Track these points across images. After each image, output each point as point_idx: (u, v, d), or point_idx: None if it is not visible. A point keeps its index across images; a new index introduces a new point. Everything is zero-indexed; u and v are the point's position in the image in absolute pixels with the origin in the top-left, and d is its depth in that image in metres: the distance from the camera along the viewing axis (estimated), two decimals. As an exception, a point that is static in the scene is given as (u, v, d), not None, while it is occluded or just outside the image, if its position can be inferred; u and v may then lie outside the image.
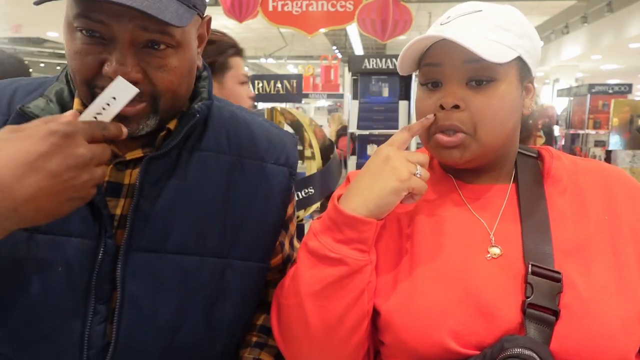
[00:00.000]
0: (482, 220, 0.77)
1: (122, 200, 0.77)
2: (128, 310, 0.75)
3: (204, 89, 0.84)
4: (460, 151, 0.76)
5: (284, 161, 0.89)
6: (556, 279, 0.69)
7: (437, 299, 0.71)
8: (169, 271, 0.77)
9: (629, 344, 0.67)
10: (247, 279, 0.84)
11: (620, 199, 0.77)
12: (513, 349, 0.64)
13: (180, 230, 0.78)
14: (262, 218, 0.85)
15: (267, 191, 0.86)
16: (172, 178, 0.79)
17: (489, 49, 0.71)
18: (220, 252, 0.81)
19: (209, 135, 0.83)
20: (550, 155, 0.83)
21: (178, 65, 0.73)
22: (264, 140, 0.89)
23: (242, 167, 0.84)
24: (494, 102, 0.74)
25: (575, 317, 0.67)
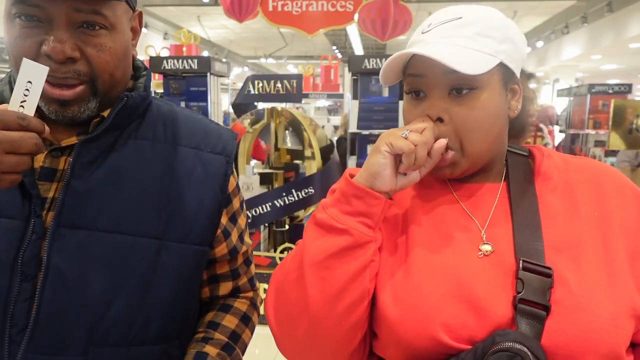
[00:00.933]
0: (474, 218, 0.79)
1: (55, 184, 0.80)
2: (52, 285, 0.77)
3: (141, 84, 0.89)
4: (450, 169, 0.79)
5: (220, 150, 0.93)
6: (547, 274, 0.70)
7: (430, 293, 0.72)
8: (100, 248, 0.80)
9: (619, 338, 0.68)
10: (184, 261, 0.86)
11: (610, 196, 0.78)
12: (504, 343, 0.65)
13: (112, 210, 0.81)
14: (197, 201, 0.88)
15: (203, 176, 0.90)
16: (106, 162, 0.82)
17: (466, 61, 0.72)
18: (155, 233, 0.83)
19: (145, 126, 0.88)
20: (541, 154, 0.84)
21: (113, 46, 0.78)
22: (200, 131, 0.94)
23: (177, 154, 0.89)
24: (477, 113, 0.75)
25: (566, 312, 0.68)
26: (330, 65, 10.18)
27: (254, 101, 4.20)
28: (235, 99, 4.35)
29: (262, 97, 4.01)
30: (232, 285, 1.00)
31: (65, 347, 0.78)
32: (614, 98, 5.53)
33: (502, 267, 0.73)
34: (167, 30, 12.76)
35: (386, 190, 0.74)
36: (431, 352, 0.71)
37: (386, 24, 4.85)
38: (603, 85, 6.72)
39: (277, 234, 4.14)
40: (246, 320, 0.99)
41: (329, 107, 11.42)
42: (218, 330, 0.94)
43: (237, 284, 1.00)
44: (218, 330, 0.94)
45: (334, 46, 16.03)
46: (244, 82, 4.04)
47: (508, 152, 0.85)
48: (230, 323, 0.96)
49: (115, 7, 0.79)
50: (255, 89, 3.95)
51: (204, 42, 13.55)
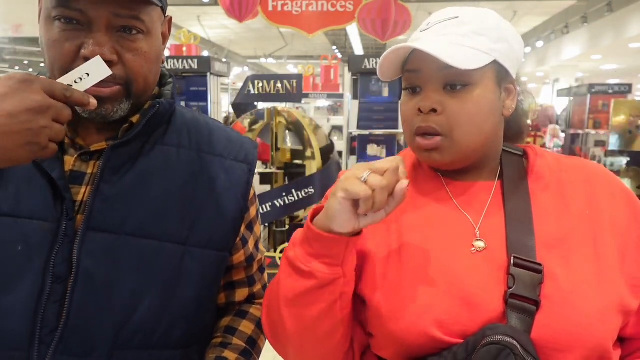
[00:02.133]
0: (467, 215, 0.80)
1: (84, 187, 0.82)
2: (82, 287, 0.78)
3: (168, 91, 0.92)
4: (439, 153, 0.79)
5: (243, 158, 0.95)
6: (537, 270, 0.72)
7: (423, 290, 0.74)
8: (127, 252, 0.81)
9: (606, 333, 0.70)
10: (206, 266, 0.88)
11: (601, 195, 0.80)
12: (494, 336, 0.67)
13: (138, 215, 0.82)
14: (220, 208, 0.90)
15: (225, 184, 0.91)
16: (134, 167, 0.84)
17: (460, 56, 0.74)
18: (179, 238, 0.85)
19: (171, 132, 0.90)
20: (535, 154, 0.86)
21: (148, 50, 0.80)
22: (224, 139, 0.95)
23: (201, 161, 0.90)
24: (469, 106, 0.77)
25: (555, 307, 0.70)
26: (330, 65, 10.18)
27: (254, 101, 4.21)
28: (235, 99, 4.35)
29: (262, 97, 4.01)
30: (248, 292, 1.00)
31: (91, 349, 0.78)
32: (614, 98, 5.53)
33: (494, 263, 0.74)
34: (167, 30, 12.75)
35: (347, 232, 0.71)
36: (424, 347, 0.72)
37: (386, 24, 4.86)
38: (603, 85, 6.73)
39: (277, 234, 4.15)
40: (261, 326, 0.96)
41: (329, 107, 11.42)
42: (235, 336, 0.94)
43: (253, 290, 1.01)
44: (235, 335, 0.94)
45: (334, 46, 16.03)
46: (244, 82, 4.04)
47: (503, 151, 0.87)
48: (247, 329, 0.96)
49: (152, 13, 0.80)
50: (255, 89, 3.95)
51: (204, 42, 13.55)
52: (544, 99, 14.37)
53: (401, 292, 0.75)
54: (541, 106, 9.62)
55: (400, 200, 0.70)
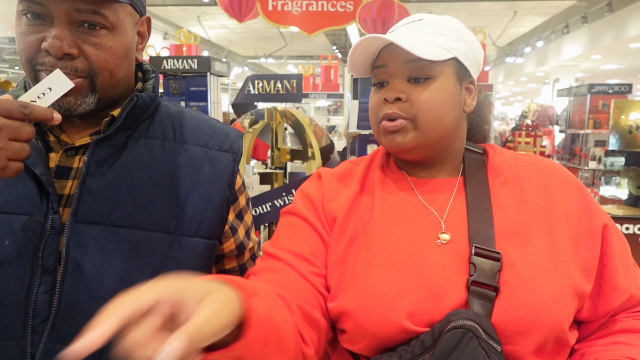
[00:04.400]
0: (432, 210, 0.85)
1: (70, 181, 0.84)
2: (71, 276, 0.80)
3: (150, 85, 0.93)
4: (402, 135, 0.83)
5: (228, 147, 0.98)
6: (496, 258, 0.77)
7: (392, 283, 0.78)
8: (114, 243, 0.83)
9: (561, 314, 0.75)
10: (195, 254, 0.90)
11: (555, 188, 0.86)
12: (458, 321, 0.71)
13: (125, 206, 0.84)
14: (207, 196, 0.92)
15: (211, 173, 0.93)
16: (119, 160, 0.86)
17: (421, 48, 0.80)
18: (167, 228, 0.87)
19: (155, 126, 0.92)
20: (494, 151, 0.92)
21: (113, 46, 0.81)
22: (208, 130, 0.97)
23: (186, 152, 0.92)
24: (432, 94, 0.82)
25: (513, 292, 0.75)
26: (330, 65, 10.19)
27: (254, 101, 4.21)
28: (235, 99, 4.35)
29: (262, 97, 4.01)
30: None
31: None
32: (614, 98, 5.53)
33: (458, 253, 0.79)
34: (167, 30, 12.76)
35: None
36: (395, 338, 0.76)
37: (386, 24, 4.86)
38: (603, 85, 6.72)
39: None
40: None
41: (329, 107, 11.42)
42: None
43: None
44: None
45: (334, 46, 16.03)
46: (244, 82, 4.04)
47: (465, 150, 0.93)
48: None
49: (118, 9, 0.81)
50: (255, 89, 3.95)
51: (204, 42, 13.55)
52: (544, 99, 14.37)
53: (371, 287, 0.78)
54: (541, 106, 9.62)
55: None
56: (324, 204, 0.89)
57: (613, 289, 0.81)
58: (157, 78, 0.95)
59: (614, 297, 0.81)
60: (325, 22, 5.07)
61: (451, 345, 0.69)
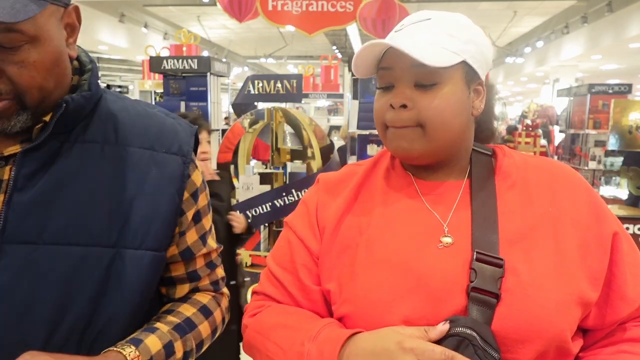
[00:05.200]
0: (435, 213, 0.83)
1: (1, 195, 0.76)
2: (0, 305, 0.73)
3: (85, 81, 0.83)
4: (408, 142, 0.82)
5: (176, 150, 0.88)
6: (498, 264, 0.75)
7: (390, 287, 0.77)
8: (47, 263, 0.75)
9: (564, 324, 0.73)
10: (140, 268, 0.82)
11: (564, 193, 0.83)
12: (455, 328, 0.70)
13: (58, 221, 0.77)
14: (153, 205, 0.84)
15: (158, 179, 0.85)
16: (51, 169, 0.78)
17: (430, 54, 0.77)
18: (108, 241, 0.79)
19: (94, 127, 0.83)
20: (503, 153, 0.89)
21: (38, 59, 0.72)
22: (155, 130, 0.88)
23: (130, 157, 0.84)
24: (439, 102, 0.80)
25: (515, 300, 0.73)
26: (330, 65, 10.19)
27: (254, 101, 4.21)
28: (235, 99, 4.35)
29: (262, 97, 4.01)
30: (189, 287, 0.95)
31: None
32: (614, 98, 5.52)
33: (460, 258, 0.77)
34: (167, 30, 12.76)
35: None
36: None
37: (386, 24, 4.86)
38: (603, 85, 6.73)
39: (277, 234, 4.15)
40: (206, 312, 0.94)
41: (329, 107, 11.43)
42: (171, 315, 0.89)
43: (196, 285, 0.96)
44: (171, 315, 0.89)
45: (334, 46, 16.03)
46: (244, 82, 4.04)
47: (473, 151, 0.90)
48: (186, 310, 0.91)
49: (35, 18, 0.70)
50: (255, 89, 3.96)
51: (204, 42, 13.55)
52: (544, 99, 14.37)
53: (369, 292, 0.78)
54: (541, 106, 9.61)
55: None
56: (317, 213, 0.90)
57: (621, 299, 0.79)
58: (94, 70, 0.85)
59: (621, 307, 0.79)
60: (325, 22, 5.07)
61: None
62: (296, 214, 0.94)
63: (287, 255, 0.90)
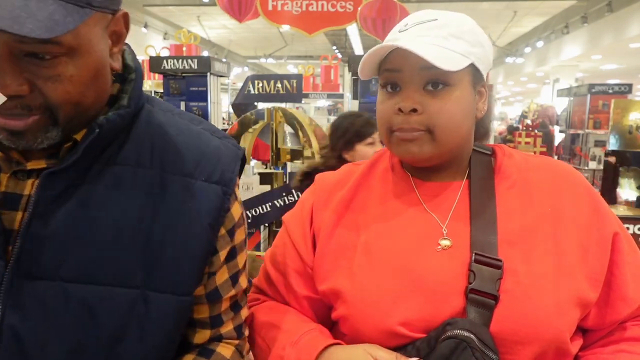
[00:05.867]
0: (434, 215, 0.83)
1: (20, 213, 0.67)
2: (7, 350, 0.65)
3: (125, 94, 0.74)
4: (417, 146, 0.80)
5: (217, 178, 0.77)
6: (497, 266, 0.74)
7: (389, 289, 0.77)
8: (63, 303, 0.67)
9: (562, 325, 0.73)
10: (164, 315, 0.72)
11: (564, 193, 0.83)
12: (452, 331, 0.70)
13: (80, 255, 0.68)
14: (185, 243, 0.74)
15: (193, 212, 0.75)
16: (76, 195, 0.69)
17: (443, 58, 0.75)
18: (133, 282, 0.70)
19: (129, 146, 0.73)
20: (502, 153, 0.88)
21: (75, 73, 0.63)
22: (197, 153, 0.78)
23: (164, 184, 0.74)
24: (449, 106, 0.78)
25: (514, 301, 0.73)
26: (330, 65, 10.19)
27: (254, 101, 4.21)
28: (235, 99, 4.35)
29: (262, 97, 4.01)
30: (211, 333, 0.83)
31: None
32: (614, 98, 5.52)
33: (458, 260, 0.77)
34: (167, 30, 12.76)
35: None
36: (391, 343, 0.76)
37: (386, 24, 4.86)
38: (603, 85, 6.72)
39: (277, 234, 4.13)
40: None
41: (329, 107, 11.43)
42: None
43: (219, 332, 0.84)
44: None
45: (334, 46, 16.03)
46: (244, 82, 4.04)
47: (473, 151, 0.89)
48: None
49: (79, 28, 0.61)
50: (255, 89, 3.96)
51: (204, 42, 13.55)
52: (544, 99, 14.36)
53: (368, 293, 0.78)
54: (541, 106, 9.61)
55: None
56: (313, 216, 0.90)
57: (621, 299, 0.79)
58: (138, 81, 0.75)
59: (621, 307, 0.79)
60: (325, 22, 5.07)
61: (444, 355, 0.69)
62: (293, 214, 0.94)
63: (280, 256, 0.91)
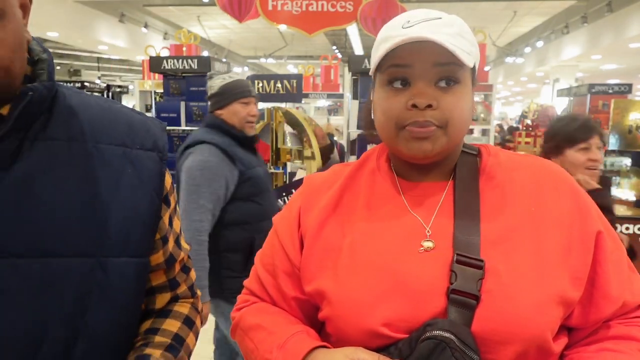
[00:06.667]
0: (418, 216, 0.83)
1: None
2: None
3: (43, 71, 0.72)
4: (431, 143, 0.79)
5: (151, 145, 0.81)
6: (478, 266, 0.75)
7: (371, 290, 0.78)
8: (17, 279, 0.65)
9: (544, 324, 0.74)
10: (124, 277, 0.74)
11: (548, 191, 0.83)
12: (432, 332, 0.70)
13: (26, 230, 0.66)
14: (132, 206, 0.75)
15: (134, 179, 0.77)
16: (12, 171, 0.67)
17: (460, 53, 0.76)
18: (85, 251, 0.70)
19: (56, 122, 0.73)
20: (488, 153, 0.89)
21: (4, 37, 0.63)
22: (125, 124, 0.80)
23: (100, 154, 0.74)
24: (461, 102, 0.80)
25: (495, 301, 0.73)
26: (330, 65, 10.19)
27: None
28: (235, 99, 4.34)
29: (262, 97, 4.01)
30: (170, 296, 0.89)
31: None
32: (614, 98, 5.52)
33: (440, 261, 0.78)
34: (167, 30, 12.76)
35: None
36: (373, 344, 0.76)
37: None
38: (603, 85, 6.72)
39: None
40: (189, 323, 0.88)
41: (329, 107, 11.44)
42: (158, 334, 0.82)
43: (176, 293, 0.90)
44: (158, 334, 0.82)
45: (334, 46, 16.03)
46: (244, 82, 4.03)
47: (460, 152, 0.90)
48: (172, 326, 0.84)
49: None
50: (255, 89, 3.95)
51: (204, 42, 13.55)
52: (544, 99, 14.37)
53: (351, 294, 0.79)
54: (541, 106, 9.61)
55: None
56: (300, 218, 0.90)
57: (604, 297, 0.79)
58: (51, 59, 0.74)
59: (605, 306, 0.79)
60: (325, 22, 5.07)
61: (423, 356, 0.69)
62: (282, 216, 0.95)
63: (270, 258, 0.92)
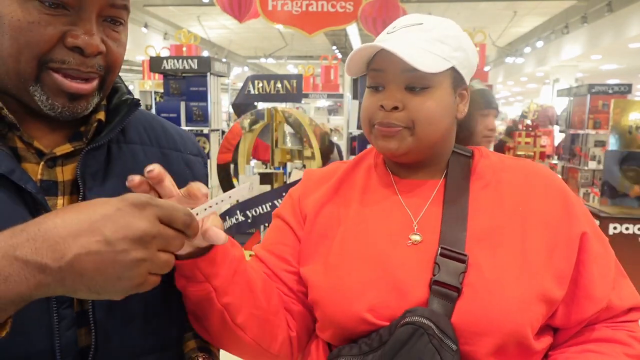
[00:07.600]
0: (409, 210, 0.88)
1: (60, 198, 0.72)
2: (99, 309, 0.70)
3: (120, 84, 0.81)
4: (397, 142, 0.85)
5: (197, 152, 0.92)
6: (462, 260, 0.78)
7: (359, 278, 0.82)
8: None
9: (523, 320, 0.76)
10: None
11: (536, 192, 0.86)
12: (412, 318, 0.74)
13: None
14: None
15: (192, 179, 0.80)
16: (110, 170, 0.76)
17: (423, 60, 0.80)
18: None
19: (130, 128, 0.82)
20: (480, 155, 0.93)
21: (125, 41, 0.74)
22: (175, 133, 0.90)
23: (166, 158, 0.84)
24: (428, 104, 0.83)
25: (476, 294, 0.76)
26: (330, 65, 10.19)
27: (254, 101, 4.21)
28: (235, 99, 4.35)
29: (262, 97, 4.01)
30: None
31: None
32: (613, 98, 5.52)
33: (426, 253, 0.81)
34: (167, 30, 12.76)
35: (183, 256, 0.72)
36: (358, 329, 0.80)
37: (387, 24, 4.86)
38: (603, 85, 6.71)
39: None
40: None
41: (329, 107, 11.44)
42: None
43: None
44: None
45: (334, 46, 16.03)
46: (244, 82, 4.04)
47: (453, 152, 0.93)
48: None
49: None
50: (255, 89, 3.95)
51: (204, 42, 13.55)
52: (544, 99, 14.37)
53: (339, 280, 0.83)
54: (541, 106, 9.61)
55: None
56: (300, 200, 0.95)
57: (587, 298, 0.81)
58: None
59: (587, 306, 0.81)
60: (325, 22, 5.07)
61: (402, 340, 0.72)
62: (282, 205, 0.99)
63: (273, 238, 0.95)
